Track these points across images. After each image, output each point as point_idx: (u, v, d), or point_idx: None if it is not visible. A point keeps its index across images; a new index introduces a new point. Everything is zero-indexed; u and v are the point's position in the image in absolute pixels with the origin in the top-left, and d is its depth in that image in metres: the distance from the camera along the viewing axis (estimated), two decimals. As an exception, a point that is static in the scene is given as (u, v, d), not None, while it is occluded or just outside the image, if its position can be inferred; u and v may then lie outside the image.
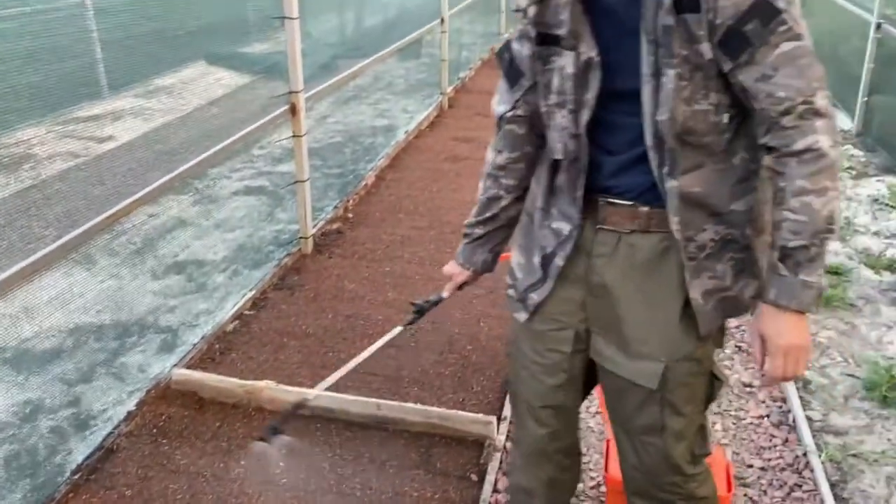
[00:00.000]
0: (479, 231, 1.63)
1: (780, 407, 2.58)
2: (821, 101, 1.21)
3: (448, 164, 4.99)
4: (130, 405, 2.52)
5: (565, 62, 1.33)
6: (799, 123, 1.21)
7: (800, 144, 1.21)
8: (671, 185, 1.30)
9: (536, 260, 1.50)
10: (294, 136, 3.58)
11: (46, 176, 4.10)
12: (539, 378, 1.55)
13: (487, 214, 1.61)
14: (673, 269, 1.37)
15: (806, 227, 1.22)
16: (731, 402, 2.61)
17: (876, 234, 3.84)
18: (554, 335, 1.51)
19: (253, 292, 3.26)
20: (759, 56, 1.20)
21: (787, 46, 1.20)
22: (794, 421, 2.49)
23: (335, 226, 4.01)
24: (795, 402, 2.55)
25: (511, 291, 1.58)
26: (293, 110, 3.49)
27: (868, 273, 3.46)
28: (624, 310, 1.41)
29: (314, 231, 3.79)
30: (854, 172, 4.66)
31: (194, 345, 2.86)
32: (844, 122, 5.65)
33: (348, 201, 4.30)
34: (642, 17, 1.24)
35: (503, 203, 1.58)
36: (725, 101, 1.27)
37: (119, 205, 2.89)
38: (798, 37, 1.21)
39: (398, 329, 1.89)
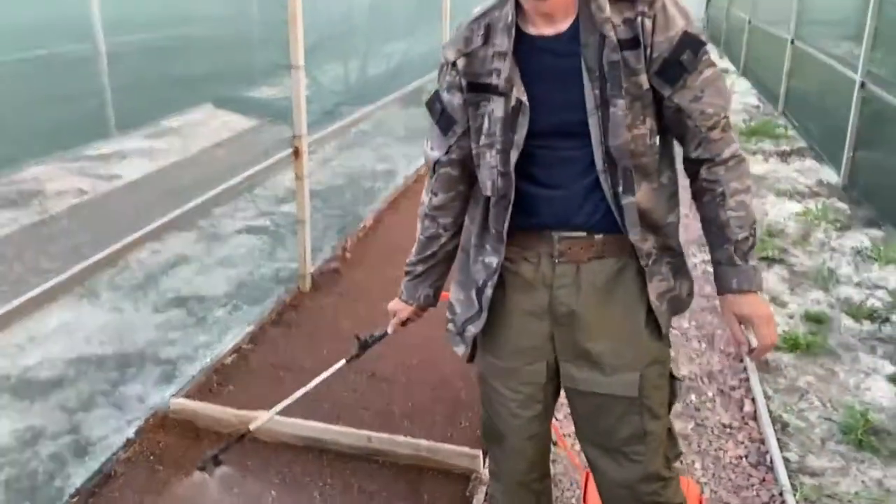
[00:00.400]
0: (420, 268, 1.75)
1: (759, 448, 2.66)
2: (729, 117, 1.49)
3: (445, 208, 5.13)
4: (129, 433, 2.60)
5: (494, 106, 1.47)
6: (723, 136, 1.46)
7: (726, 153, 1.47)
8: (628, 200, 1.45)
9: (473, 294, 1.61)
10: (297, 177, 3.72)
11: (55, 211, 4.22)
12: (516, 412, 1.64)
13: (427, 252, 1.72)
14: (630, 284, 1.53)
15: (746, 220, 1.48)
16: (710, 442, 2.69)
17: (858, 284, 3.95)
18: (527, 369, 1.61)
19: (251, 327, 3.36)
20: (690, 81, 1.42)
21: (708, 72, 1.44)
22: (771, 461, 2.58)
23: (333, 265, 4.12)
24: (773, 444, 2.64)
25: (450, 326, 1.69)
26: (296, 153, 3.63)
27: (849, 321, 3.56)
28: (593, 332, 1.54)
29: (313, 270, 3.90)
30: (839, 224, 4.79)
31: (193, 376, 2.95)
32: (831, 175, 5.82)
33: (347, 242, 4.42)
34: (582, 57, 1.40)
35: (441, 241, 1.70)
36: (655, 127, 1.46)
37: (124, 241, 3.00)
38: (714, 64, 1.45)
39: (342, 362, 2.00)
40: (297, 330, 3.44)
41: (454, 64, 1.50)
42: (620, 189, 1.44)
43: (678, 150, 1.57)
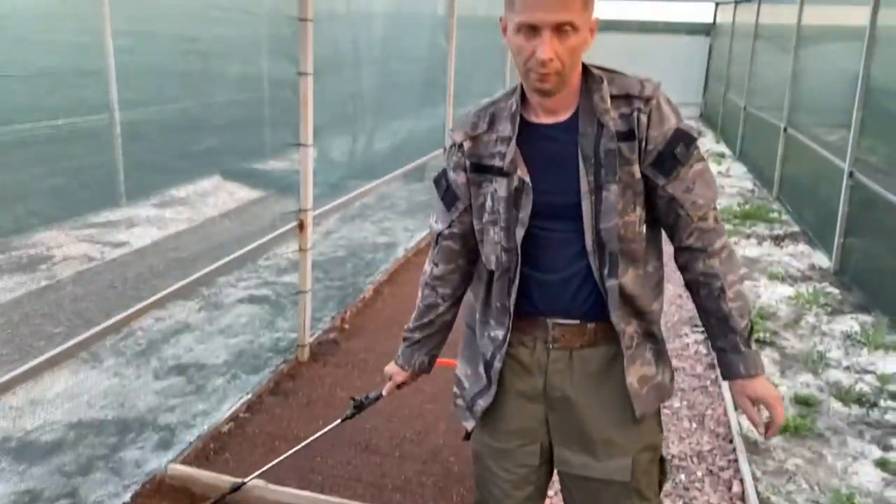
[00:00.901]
0: (417, 335, 1.83)
1: (746, 530, 2.69)
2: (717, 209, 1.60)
3: (444, 282, 5.23)
4: (126, 497, 2.64)
5: (497, 186, 1.57)
6: (714, 226, 1.57)
7: (718, 244, 1.57)
8: (612, 283, 1.53)
9: (480, 369, 1.68)
10: (300, 249, 3.83)
11: (62, 277, 4.32)
12: (509, 493, 1.69)
13: (425, 320, 1.81)
14: (621, 371, 1.59)
15: (744, 309, 1.59)
16: (698, 523, 2.72)
17: (847, 368, 4.02)
18: (521, 451, 1.66)
19: (249, 396, 3.42)
20: (683, 172, 1.54)
21: (699, 166, 1.55)
22: (758, 544, 2.60)
23: (331, 335, 4.20)
24: (760, 526, 2.67)
25: (459, 401, 1.75)
26: (301, 226, 3.76)
27: (837, 405, 3.61)
28: (586, 417, 1.60)
29: (311, 340, 3.98)
30: (830, 309, 4.88)
31: (190, 443, 3.00)
32: (822, 260, 5.94)
33: (346, 313, 4.51)
34: (579, 145, 1.52)
35: (439, 310, 1.79)
36: (643, 216, 1.56)
37: (130, 309, 3.08)
38: (703, 159, 1.57)
39: (337, 422, 2.06)
40: (294, 400, 3.49)
41: (461, 146, 1.62)
42: (606, 271, 1.53)
43: (666, 244, 1.66)
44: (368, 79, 5.27)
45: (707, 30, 15.53)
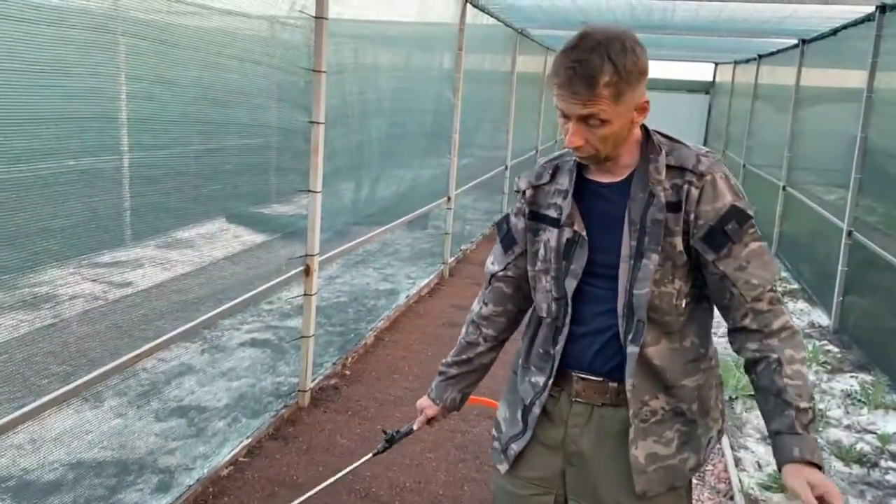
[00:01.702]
0: (453, 371, 1.84)
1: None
2: (776, 291, 1.54)
3: (444, 329, 5.25)
4: (124, 540, 2.62)
5: (550, 236, 1.62)
6: (772, 308, 1.51)
7: (776, 324, 1.50)
8: (632, 350, 1.53)
9: (518, 414, 1.69)
10: (305, 294, 3.86)
11: (67, 316, 4.35)
12: None
13: (463, 357, 1.83)
14: None
15: (804, 391, 1.46)
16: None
17: (847, 427, 4.02)
18: (535, 499, 1.67)
19: (249, 440, 3.41)
20: (736, 251, 1.51)
21: (754, 245, 1.52)
22: None
23: (332, 381, 4.20)
24: (762, 586, 2.64)
25: (496, 444, 1.76)
26: (307, 271, 3.80)
27: (838, 465, 3.61)
28: (600, 477, 1.59)
29: (312, 385, 3.98)
30: (829, 367, 4.89)
31: (189, 486, 2.99)
32: (822, 318, 5.97)
33: (347, 359, 4.52)
34: (628, 209, 1.53)
35: (479, 349, 1.81)
36: (684, 290, 1.54)
37: (134, 351, 3.10)
38: (761, 238, 1.54)
39: (368, 456, 2.05)
40: (293, 445, 3.48)
41: (524, 193, 1.69)
42: (630, 336, 1.53)
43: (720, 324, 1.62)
44: (376, 128, 5.37)
45: (706, 88, 15.83)
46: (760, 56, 10.53)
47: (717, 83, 15.54)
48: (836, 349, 5.25)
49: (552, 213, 1.62)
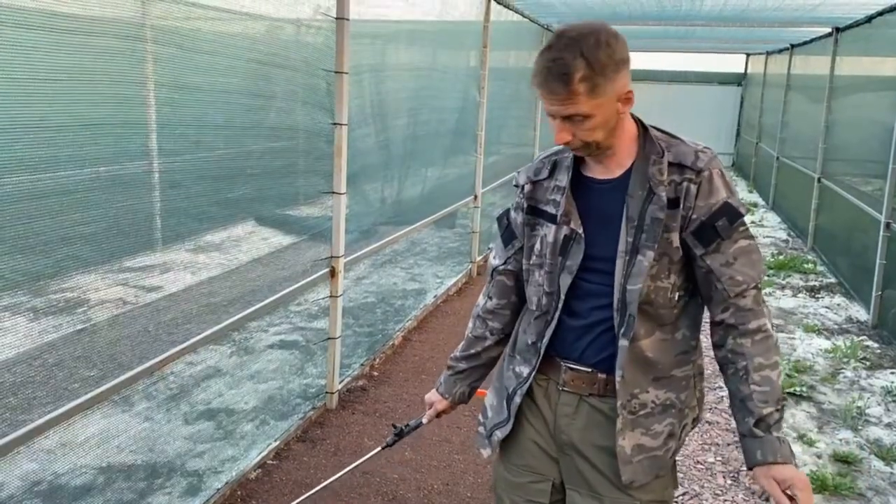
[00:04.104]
0: (462, 365, 1.86)
1: None
2: (762, 290, 1.54)
3: (473, 330, 5.22)
4: (152, 544, 2.64)
5: (547, 231, 1.63)
6: (753, 308, 1.52)
7: (753, 324, 1.52)
8: (624, 343, 1.54)
9: (504, 401, 1.72)
10: (331, 296, 3.86)
11: (97, 320, 4.40)
12: None
13: (472, 351, 1.85)
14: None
15: (770, 395, 1.50)
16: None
17: (888, 425, 3.90)
18: (532, 486, 1.69)
19: (277, 443, 3.41)
20: (724, 247, 1.52)
21: (744, 242, 1.53)
22: None
23: (360, 382, 4.19)
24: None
25: (480, 429, 1.79)
26: (332, 273, 3.79)
27: (879, 464, 3.50)
28: (591, 466, 1.62)
29: (340, 386, 3.98)
30: (868, 363, 4.76)
31: (218, 489, 2.99)
32: (860, 313, 5.82)
33: (375, 360, 4.50)
34: (626, 206, 1.54)
35: (487, 343, 1.83)
36: (679, 283, 1.56)
37: (163, 354, 3.12)
38: (751, 237, 1.55)
39: (377, 449, 2.06)
40: (321, 447, 3.48)
41: (523, 188, 1.70)
42: (622, 330, 1.54)
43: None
44: (400, 128, 5.35)
45: (738, 80, 15.56)
46: (793, 46, 10.31)
47: (749, 74, 15.26)
48: (875, 345, 5.12)
49: (550, 210, 1.64)
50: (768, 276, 6.90)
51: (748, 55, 14.97)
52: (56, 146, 2.67)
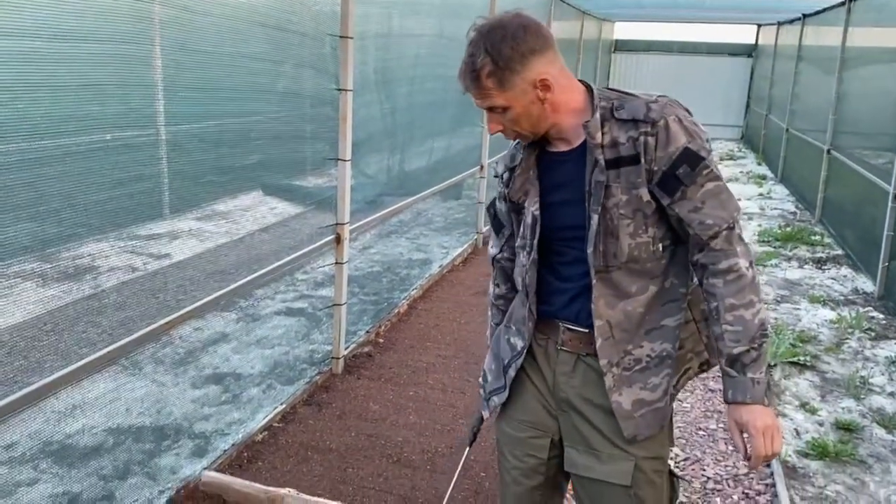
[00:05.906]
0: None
1: (783, 556, 2.63)
2: (738, 228, 1.54)
3: (477, 298, 5.24)
4: (161, 502, 2.68)
5: (526, 214, 1.67)
6: (724, 247, 1.52)
7: (723, 264, 1.52)
8: (592, 306, 1.58)
9: (501, 370, 1.76)
10: (336, 263, 3.88)
11: (106, 286, 4.45)
12: (519, 480, 1.76)
13: None
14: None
15: (743, 335, 1.50)
16: (733, 547, 2.67)
17: (891, 394, 3.92)
18: (532, 442, 1.73)
19: (283, 406, 3.45)
20: (690, 193, 1.52)
21: (710, 185, 1.53)
22: (795, 571, 2.54)
23: (366, 349, 4.23)
24: (797, 553, 2.60)
25: (481, 391, 1.84)
26: (338, 240, 3.81)
27: (881, 432, 3.52)
28: (589, 423, 1.64)
29: (346, 352, 4.01)
30: (873, 334, 4.77)
31: (224, 451, 3.04)
32: (866, 284, 5.81)
33: (380, 327, 4.53)
34: (587, 171, 1.56)
35: None
36: (660, 234, 1.57)
37: (169, 317, 3.15)
38: (717, 178, 1.53)
39: (467, 450, 2.04)
40: (327, 411, 3.52)
41: (503, 177, 1.73)
42: (594, 293, 1.57)
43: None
44: (407, 96, 5.33)
45: (749, 51, 15.39)
46: (805, 15, 10.18)
47: (759, 46, 15.08)
48: (880, 315, 5.11)
49: (520, 196, 1.67)
50: (775, 247, 6.88)
51: (759, 25, 14.79)
52: (64, 111, 2.68)
